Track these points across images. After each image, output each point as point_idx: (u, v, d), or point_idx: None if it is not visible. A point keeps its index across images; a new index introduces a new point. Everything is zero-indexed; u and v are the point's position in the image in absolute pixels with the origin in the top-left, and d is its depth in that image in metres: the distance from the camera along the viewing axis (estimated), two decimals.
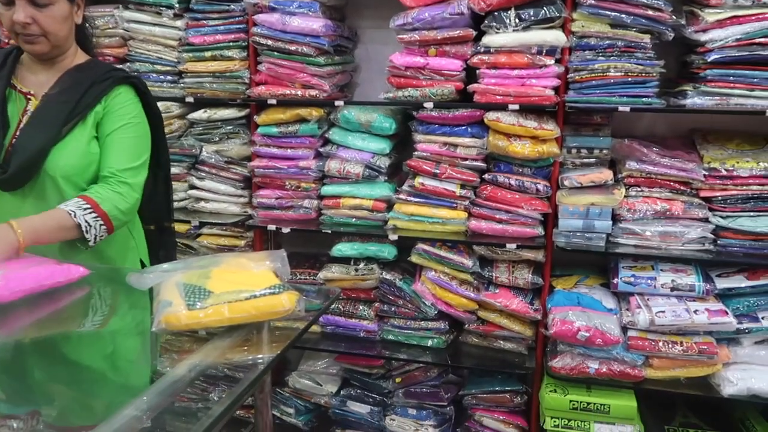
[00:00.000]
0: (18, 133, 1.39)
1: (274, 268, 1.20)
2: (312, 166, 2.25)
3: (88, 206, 1.33)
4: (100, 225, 1.35)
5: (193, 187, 2.43)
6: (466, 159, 2.11)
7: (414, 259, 2.21)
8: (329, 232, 2.25)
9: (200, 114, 2.35)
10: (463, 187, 2.14)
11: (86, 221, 1.31)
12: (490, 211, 2.12)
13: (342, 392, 2.42)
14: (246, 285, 1.10)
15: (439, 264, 2.18)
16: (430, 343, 2.26)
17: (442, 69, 2.08)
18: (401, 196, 2.18)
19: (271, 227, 2.29)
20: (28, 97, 1.43)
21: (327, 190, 2.27)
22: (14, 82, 1.44)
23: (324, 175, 2.28)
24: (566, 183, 2.04)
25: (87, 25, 1.55)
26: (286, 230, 2.26)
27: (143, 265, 1.59)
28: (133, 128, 1.47)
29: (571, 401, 2.02)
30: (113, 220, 1.37)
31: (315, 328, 2.32)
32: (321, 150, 2.28)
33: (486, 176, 2.12)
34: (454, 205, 2.14)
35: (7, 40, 2.53)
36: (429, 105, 2.07)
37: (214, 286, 1.10)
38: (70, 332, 1.48)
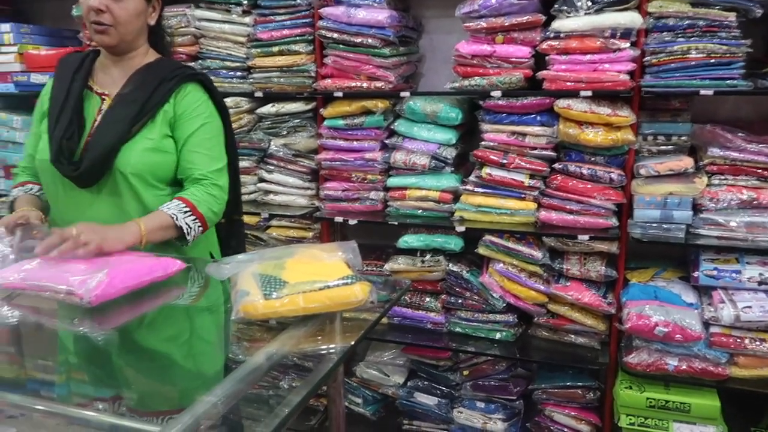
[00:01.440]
0: (92, 132, 1.46)
1: (346, 258, 1.21)
2: (378, 157, 2.26)
3: (188, 209, 1.39)
4: (198, 226, 1.41)
5: (262, 180, 2.49)
6: (535, 148, 2.06)
7: (481, 250, 2.18)
8: (395, 223, 2.24)
9: (268, 108, 2.40)
10: (532, 177, 2.09)
11: (187, 224, 1.38)
12: (560, 202, 2.06)
13: (409, 383, 2.42)
14: (319, 275, 1.12)
15: (508, 256, 2.14)
16: (498, 336, 2.23)
17: (509, 56, 2.03)
18: (468, 187, 2.15)
19: (338, 219, 2.31)
20: (103, 97, 1.48)
21: (393, 181, 2.27)
22: (90, 84, 1.50)
23: (390, 166, 2.28)
24: (642, 172, 1.95)
25: (163, 27, 1.60)
26: (352, 222, 2.28)
27: (212, 257, 1.64)
28: (210, 128, 1.51)
29: (648, 399, 1.94)
30: (208, 222, 1.43)
31: (382, 319, 2.33)
32: (387, 142, 2.28)
33: (556, 166, 2.06)
34: (523, 195, 2.09)
35: (88, 42, 2.67)
36: (496, 94, 2.03)
37: (288, 277, 1.12)
38: (149, 321, 1.55)
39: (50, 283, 1.23)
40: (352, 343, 1.09)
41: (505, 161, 2.07)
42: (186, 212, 1.39)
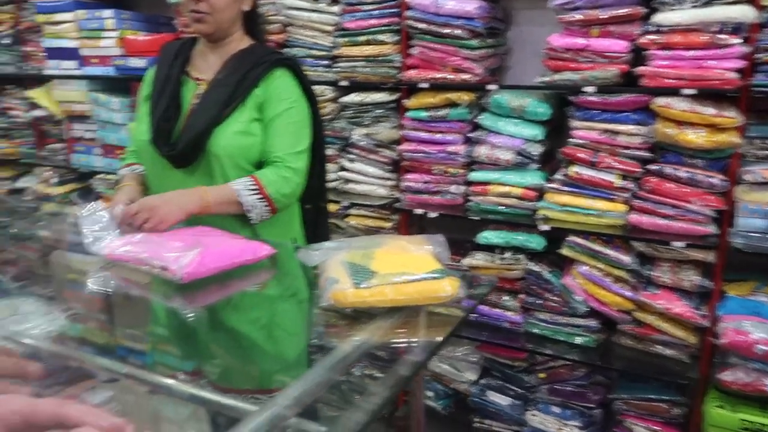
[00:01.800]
0: (189, 116, 1.51)
1: (434, 252, 1.19)
2: (461, 151, 2.22)
3: (255, 188, 1.42)
4: (264, 206, 1.44)
5: (343, 168, 2.51)
6: (628, 148, 1.96)
7: (565, 251, 2.11)
8: (476, 218, 2.21)
9: (352, 98, 2.42)
10: (623, 177, 1.99)
11: (250, 202, 1.41)
12: (653, 205, 1.95)
13: (482, 381, 2.39)
14: (408, 268, 1.11)
15: (593, 258, 2.05)
16: (578, 340, 2.15)
17: (605, 50, 1.94)
18: (554, 185, 2.08)
19: (418, 211, 2.30)
20: (199, 82, 1.54)
21: (475, 176, 2.23)
22: (188, 70, 1.56)
23: (472, 160, 2.24)
24: (748, 178, 1.82)
25: (257, 13, 1.64)
26: (432, 215, 2.26)
27: (296, 243, 1.66)
28: (295, 112, 1.53)
29: (742, 420, 1.82)
30: (276, 203, 1.46)
31: (457, 313, 2.30)
32: (470, 135, 2.24)
33: (651, 167, 1.96)
34: (613, 196, 2.00)
35: (182, 29, 2.78)
36: (590, 89, 1.94)
37: (377, 267, 1.11)
38: (236, 301, 1.60)
39: (148, 257, 1.29)
40: (441, 338, 1.07)
41: (594, 160, 1.99)
42: (253, 190, 1.42)
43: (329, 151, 2.47)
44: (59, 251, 3.30)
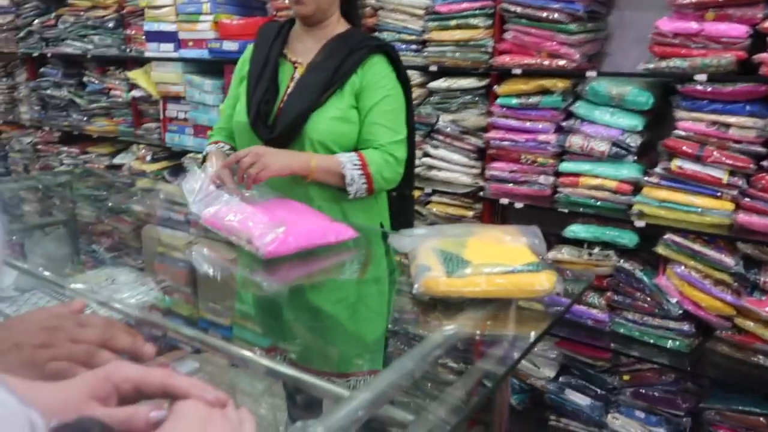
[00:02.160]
0: (285, 99, 1.53)
1: (530, 244, 1.15)
2: (552, 140, 2.14)
3: (359, 164, 1.42)
4: (363, 183, 1.44)
5: (426, 155, 2.48)
6: (739, 142, 1.82)
7: (660, 250, 1.98)
8: (565, 211, 2.12)
9: (440, 83, 2.37)
10: (732, 174, 1.84)
11: (352, 176, 1.41)
12: (766, 205, 1.80)
13: (561, 379, 2.31)
14: (503, 259, 1.07)
15: (691, 259, 1.93)
16: (669, 344, 2.03)
17: (720, 36, 1.80)
18: (652, 179, 1.96)
19: (504, 201, 2.23)
20: (296, 65, 1.55)
21: (566, 166, 2.14)
22: (285, 52, 1.57)
23: (563, 150, 2.15)
24: None
25: None
26: (518, 205, 2.19)
27: (382, 227, 1.65)
28: (393, 100, 1.51)
29: None
30: (375, 183, 1.45)
31: (537, 306, 2.24)
32: (563, 124, 2.14)
33: (765, 163, 1.80)
34: (719, 193, 1.86)
35: (275, 12, 2.82)
36: (701, 77, 1.80)
37: (471, 256, 1.08)
38: (318, 282, 1.61)
39: (237, 228, 1.31)
40: (534, 335, 1.03)
41: (700, 154, 1.85)
42: (356, 165, 1.43)
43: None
44: (151, 225, 3.47)
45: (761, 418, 1.91)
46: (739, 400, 1.97)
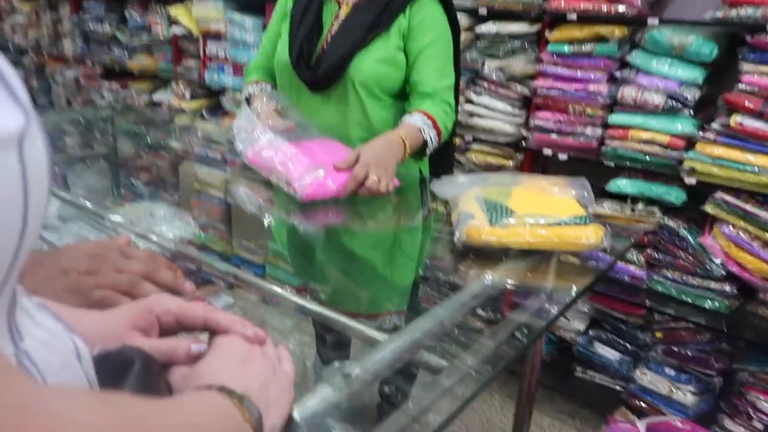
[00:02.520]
0: (329, 38, 1.48)
1: (578, 196, 1.11)
2: (603, 91, 2.04)
3: (430, 122, 1.38)
4: (435, 142, 1.40)
5: (469, 101, 2.40)
6: None
7: (709, 209, 1.91)
8: (611, 165, 2.04)
9: (489, 27, 2.27)
10: None
11: (430, 137, 1.38)
12: None
13: (591, 332, 2.30)
14: (549, 210, 1.04)
15: (741, 219, 1.85)
16: (708, 304, 1.99)
17: None
18: (708, 135, 1.87)
19: (547, 152, 2.17)
20: (340, 4, 1.49)
21: (616, 119, 2.05)
22: None
23: (614, 102, 2.05)
24: None
25: None
26: (562, 157, 2.12)
27: (421, 173, 1.62)
28: (443, 43, 1.46)
29: None
30: (442, 138, 1.42)
31: (572, 259, 2.21)
32: (616, 74, 2.04)
33: None
34: None
35: None
36: None
37: (515, 206, 1.05)
38: (353, 226, 1.60)
39: (278, 168, 1.30)
40: (581, 289, 1.01)
41: (764, 110, 1.74)
42: (429, 125, 1.38)
43: None
44: (188, 162, 3.51)
45: None
46: None
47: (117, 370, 0.52)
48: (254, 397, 0.51)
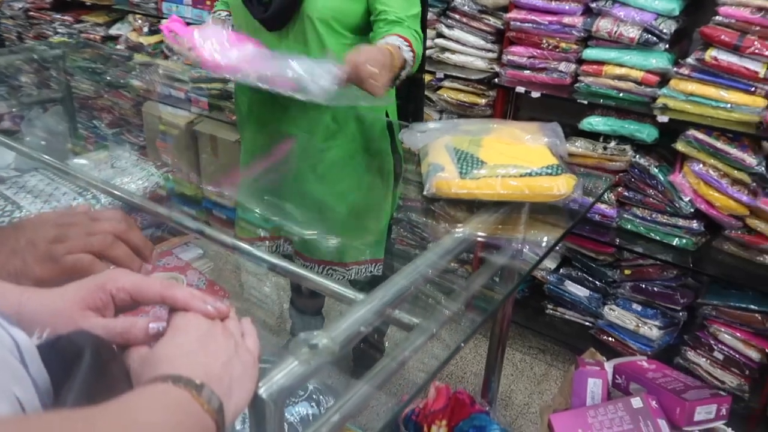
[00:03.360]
0: None
1: (550, 143, 1.08)
2: (578, 23, 1.97)
3: (406, 43, 1.29)
4: (411, 64, 1.30)
5: (440, 35, 2.31)
6: None
7: (680, 146, 1.91)
8: (584, 102, 2.01)
9: None
10: None
11: (408, 59, 1.29)
12: None
13: (562, 270, 2.33)
14: (520, 160, 1.01)
15: (711, 157, 1.85)
16: (675, 242, 2.02)
17: None
18: (682, 70, 1.83)
19: (519, 89, 2.11)
20: None
21: (590, 53, 1.99)
22: None
23: (590, 35, 1.99)
24: None
25: None
26: (535, 94, 2.08)
27: (387, 117, 1.57)
28: None
29: None
30: (416, 62, 1.32)
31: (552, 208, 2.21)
32: (592, 5, 1.97)
33: None
34: (752, 88, 1.75)
35: None
36: None
37: (486, 156, 1.02)
38: (320, 170, 1.56)
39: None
40: (559, 235, 1.00)
41: (740, 44, 1.71)
42: (406, 45, 1.28)
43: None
44: (151, 102, 3.34)
45: (757, 315, 1.94)
46: (737, 297, 1.99)
47: (66, 358, 0.49)
48: (215, 379, 0.49)
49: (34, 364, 0.46)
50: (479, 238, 0.97)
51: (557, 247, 2.38)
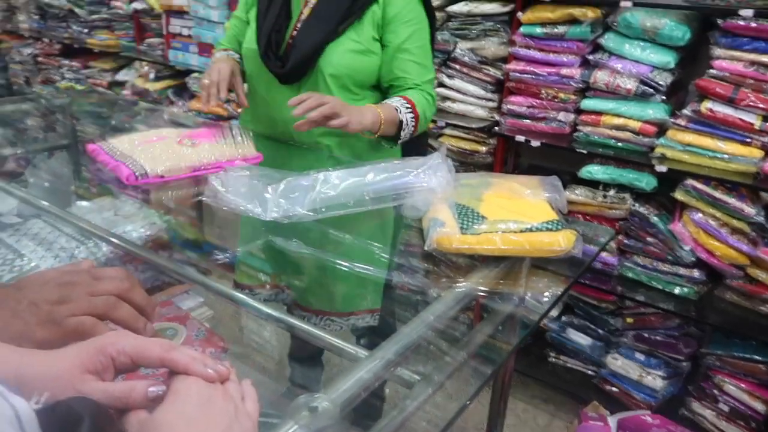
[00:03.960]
0: (299, 26, 1.41)
1: (550, 198, 1.09)
2: (576, 75, 2.02)
3: (409, 106, 1.34)
4: (412, 126, 1.36)
5: (442, 84, 2.36)
6: None
7: (679, 195, 1.92)
8: (584, 152, 2.03)
9: (461, 7, 2.22)
10: (765, 119, 1.74)
11: (406, 119, 1.34)
12: None
13: (563, 318, 2.32)
14: (521, 215, 1.02)
15: (710, 206, 1.87)
16: (677, 290, 2.01)
17: None
18: (679, 121, 1.86)
19: (519, 138, 2.14)
20: None
21: (588, 104, 2.03)
22: None
23: (587, 86, 2.03)
24: None
25: None
26: (535, 143, 2.11)
27: None
28: (422, 34, 1.43)
29: None
30: (420, 125, 1.38)
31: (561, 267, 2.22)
32: (589, 58, 2.01)
33: None
34: (748, 140, 1.77)
35: None
36: (746, 13, 1.66)
37: (486, 211, 1.03)
38: (324, 221, 1.56)
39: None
40: (562, 290, 1.00)
41: (734, 96, 1.74)
42: (408, 109, 1.34)
43: None
44: None
45: (761, 366, 1.92)
46: (740, 347, 1.97)
47: (65, 425, 0.49)
48: None
49: None
50: (481, 293, 0.97)
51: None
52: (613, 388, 2.18)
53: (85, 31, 3.59)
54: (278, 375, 2.33)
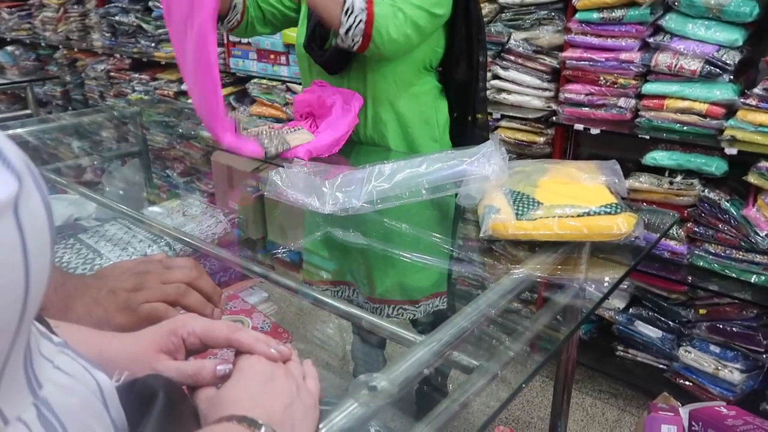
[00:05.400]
0: None
1: (609, 182, 1.07)
2: (635, 59, 1.95)
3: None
4: (360, 21, 1.26)
5: (496, 76, 2.34)
6: None
7: (752, 179, 1.82)
8: (647, 137, 1.96)
9: None
10: None
11: (353, 5, 1.26)
12: None
13: (631, 310, 2.24)
14: (578, 200, 1.00)
15: None
16: (753, 279, 1.91)
17: None
18: (750, 101, 1.77)
19: (578, 126, 2.10)
20: None
21: (650, 88, 1.96)
22: None
23: (648, 70, 1.96)
24: None
25: None
26: (595, 131, 2.05)
27: None
28: None
29: None
30: (374, 33, 1.28)
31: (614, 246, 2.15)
32: (649, 40, 1.94)
33: None
34: None
35: None
36: None
37: (543, 197, 1.02)
38: (385, 212, 1.59)
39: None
40: (613, 283, 0.98)
41: None
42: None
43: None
44: (219, 151, 3.51)
45: None
46: None
47: (142, 399, 0.53)
48: (277, 421, 0.51)
49: (113, 405, 0.50)
50: (539, 279, 0.96)
51: (625, 286, 2.30)
52: (687, 382, 2.09)
53: (153, 45, 3.77)
54: (341, 370, 2.37)
